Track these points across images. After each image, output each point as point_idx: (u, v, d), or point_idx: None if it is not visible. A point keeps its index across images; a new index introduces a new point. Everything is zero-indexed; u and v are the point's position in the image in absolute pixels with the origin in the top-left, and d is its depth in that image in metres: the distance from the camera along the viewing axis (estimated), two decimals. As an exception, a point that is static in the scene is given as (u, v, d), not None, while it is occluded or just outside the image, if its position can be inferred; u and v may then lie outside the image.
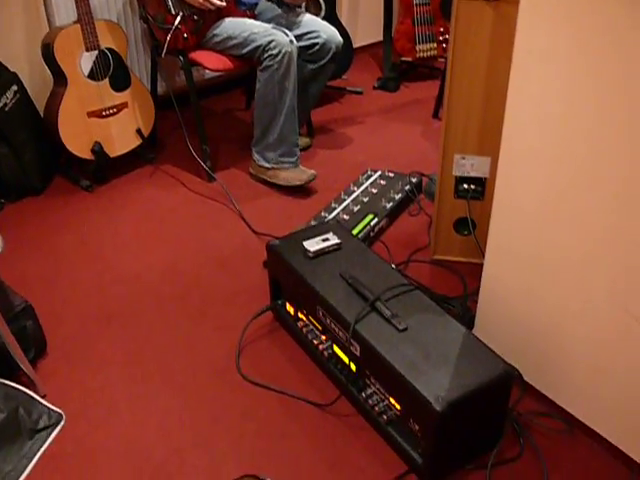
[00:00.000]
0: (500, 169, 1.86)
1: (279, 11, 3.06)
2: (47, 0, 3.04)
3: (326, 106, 3.83)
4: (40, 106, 3.06)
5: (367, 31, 4.34)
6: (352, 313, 1.90)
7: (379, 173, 3.02)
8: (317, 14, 3.58)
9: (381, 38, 4.27)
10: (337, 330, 1.96)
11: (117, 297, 2.42)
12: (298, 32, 2.96)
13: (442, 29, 3.86)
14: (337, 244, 2.16)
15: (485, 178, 2.40)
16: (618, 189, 1.58)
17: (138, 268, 2.57)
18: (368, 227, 2.65)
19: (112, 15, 3.22)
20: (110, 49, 2.96)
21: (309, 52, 2.97)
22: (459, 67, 2.22)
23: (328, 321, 1.99)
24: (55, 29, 2.91)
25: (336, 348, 2.03)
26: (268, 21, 3.02)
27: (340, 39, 3.00)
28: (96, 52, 2.91)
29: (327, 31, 2.97)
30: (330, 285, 2.02)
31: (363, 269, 2.08)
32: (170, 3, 2.86)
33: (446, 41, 3.89)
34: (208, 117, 3.71)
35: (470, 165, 2.39)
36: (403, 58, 3.91)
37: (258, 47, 2.80)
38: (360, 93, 3.92)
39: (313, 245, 2.14)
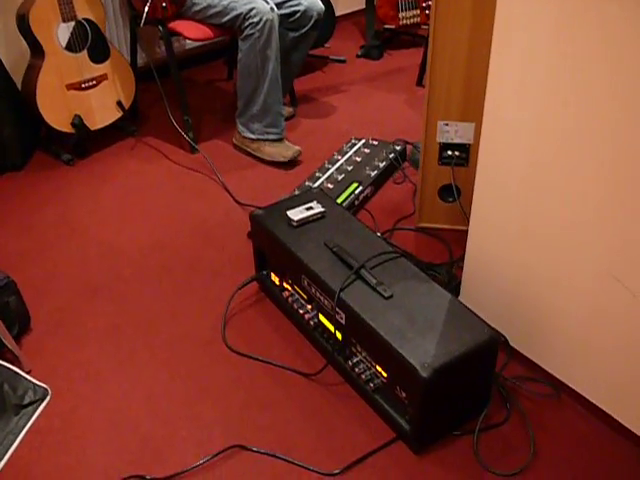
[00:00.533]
0: (484, 136, 1.85)
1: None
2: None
3: (309, 75, 3.79)
4: (17, 79, 3.00)
5: (349, -1, 4.30)
6: (337, 281, 1.89)
7: (363, 141, 3.00)
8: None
9: (363, 6, 4.23)
10: (322, 299, 1.95)
11: (101, 271, 2.41)
12: (278, 0, 2.91)
13: (425, -5, 3.83)
14: (321, 212, 2.15)
15: (469, 144, 2.39)
16: (606, 156, 1.56)
17: (122, 241, 2.55)
18: (352, 195, 2.63)
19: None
20: (88, 20, 2.91)
21: (290, 20, 2.93)
22: (441, 33, 2.20)
23: (313, 290, 1.99)
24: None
25: (322, 317, 2.02)
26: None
27: (321, 6, 2.96)
28: (73, 23, 2.86)
29: (308, -2, 2.93)
30: (315, 254, 2.01)
31: (347, 237, 2.06)
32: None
33: (429, 8, 3.83)
34: (190, 88, 3.66)
35: (454, 131, 2.37)
36: (386, 26, 3.86)
37: (238, 15, 2.76)
38: (343, 62, 3.88)
39: (297, 214, 2.13)
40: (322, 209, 2.15)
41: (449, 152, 2.42)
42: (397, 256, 1.99)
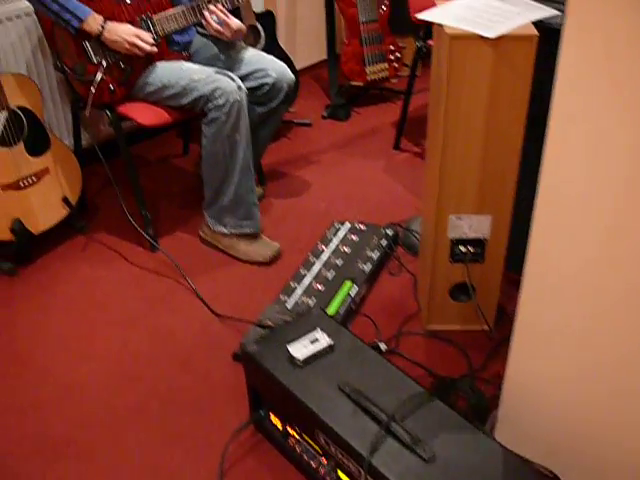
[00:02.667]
0: (533, 243, 1.51)
1: (217, 48, 2.64)
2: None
3: (273, 143, 3.37)
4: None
5: (307, 51, 3.92)
6: (362, 440, 1.55)
7: (348, 226, 2.66)
8: (255, 44, 3.17)
9: (323, 57, 3.92)
10: (345, 461, 1.59)
11: (61, 418, 1.99)
12: (243, 72, 2.55)
13: (392, 47, 3.51)
14: (329, 346, 1.79)
15: (485, 238, 2.07)
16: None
17: (82, 375, 2.14)
18: (348, 298, 2.28)
19: (20, 64, 2.76)
20: (22, 108, 2.50)
21: (257, 94, 2.56)
22: (454, 117, 1.88)
23: (332, 449, 1.63)
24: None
25: (341, 474, 1.66)
26: (206, 61, 2.61)
27: (292, 76, 2.61)
28: (5, 113, 2.45)
29: (276, 68, 2.56)
30: (329, 402, 1.65)
31: (364, 376, 1.72)
32: (90, 50, 2.41)
33: (397, 60, 3.54)
34: (141, 167, 3.23)
35: (468, 226, 2.06)
36: (353, 82, 3.53)
37: (200, 97, 2.38)
38: (309, 125, 3.50)
39: (300, 349, 1.76)
40: (329, 341, 1.79)
41: (462, 248, 2.10)
42: (429, 398, 1.65)
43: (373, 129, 3.45)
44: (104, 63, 2.42)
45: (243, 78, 2.53)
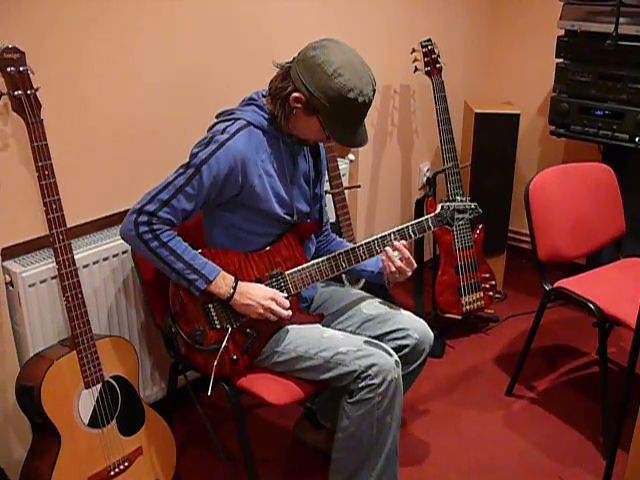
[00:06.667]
0: None
1: (344, 303, 2.26)
2: (13, 310, 2.13)
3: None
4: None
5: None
6: None
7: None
8: (357, 283, 2.83)
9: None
10: None
11: None
12: (379, 331, 2.16)
13: (487, 275, 3.19)
14: None
15: None
16: None
17: None
18: None
19: (101, 308, 2.32)
20: (117, 377, 2.07)
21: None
22: None
23: None
24: (37, 361, 1.99)
25: None
26: (332, 319, 2.23)
27: (432, 335, 2.24)
28: (99, 386, 2.01)
29: (417, 327, 2.19)
30: None
31: None
32: (214, 314, 2.02)
33: (493, 288, 3.21)
34: (220, 418, 2.65)
35: None
36: (448, 315, 3.17)
37: (349, 373, 1.97)
38: (403, 367, 3.09)
39: None
40: None
41: None
42: None
43: (474, 368, 3.04)
44: (229, 329, 2.02)
45: (379, 338, 2.15)
